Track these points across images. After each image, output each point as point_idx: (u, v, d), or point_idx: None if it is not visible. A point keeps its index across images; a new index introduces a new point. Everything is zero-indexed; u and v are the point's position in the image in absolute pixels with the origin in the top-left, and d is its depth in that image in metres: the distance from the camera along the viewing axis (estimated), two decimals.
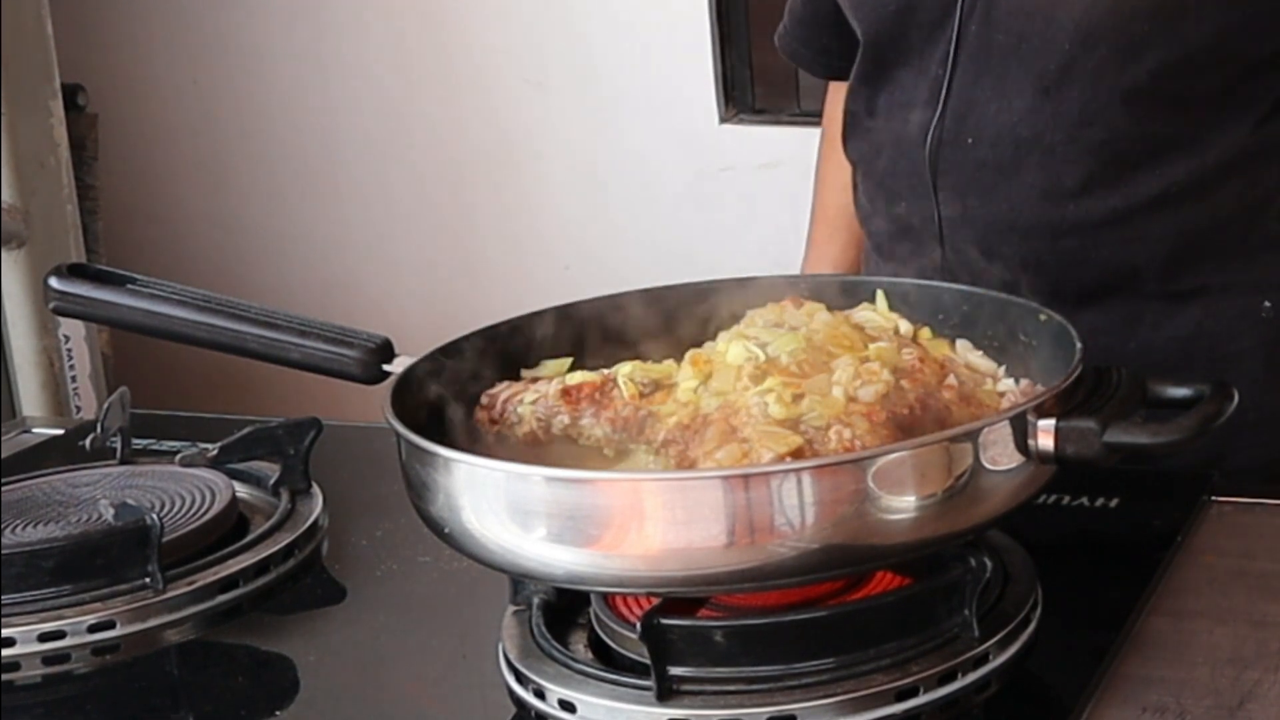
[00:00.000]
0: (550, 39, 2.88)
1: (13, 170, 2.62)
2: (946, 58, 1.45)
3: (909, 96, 1.50)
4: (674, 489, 0.98)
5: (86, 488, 1.39)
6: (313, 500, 1.36)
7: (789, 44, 1.75)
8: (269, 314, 1.25)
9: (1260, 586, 1.16)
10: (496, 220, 2.99)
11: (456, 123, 2.96)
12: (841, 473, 0.98)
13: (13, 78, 2.60)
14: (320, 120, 3.03)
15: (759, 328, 1.14)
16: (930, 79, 1.47)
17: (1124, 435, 1.03)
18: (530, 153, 2.93)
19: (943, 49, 1.46)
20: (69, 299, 1.28)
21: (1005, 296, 1.21)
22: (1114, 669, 1.07)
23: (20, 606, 1.22)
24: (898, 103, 1.51)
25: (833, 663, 1.02)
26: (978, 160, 1.45)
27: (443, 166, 2.99)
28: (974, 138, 1.45)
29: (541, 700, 1.05)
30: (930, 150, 1.46)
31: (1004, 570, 1.11)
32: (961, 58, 1.44)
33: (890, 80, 1.52)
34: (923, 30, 1.47)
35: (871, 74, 1.54)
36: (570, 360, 1.21)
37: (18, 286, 2.66)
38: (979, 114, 1.44)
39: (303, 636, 1.24)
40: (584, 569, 1.01)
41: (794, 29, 1.73)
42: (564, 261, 2.94)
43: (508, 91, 2.91)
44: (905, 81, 1.50)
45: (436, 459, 1.04)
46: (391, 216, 3.05)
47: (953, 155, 1.46)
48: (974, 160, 1.45)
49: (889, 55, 1.51)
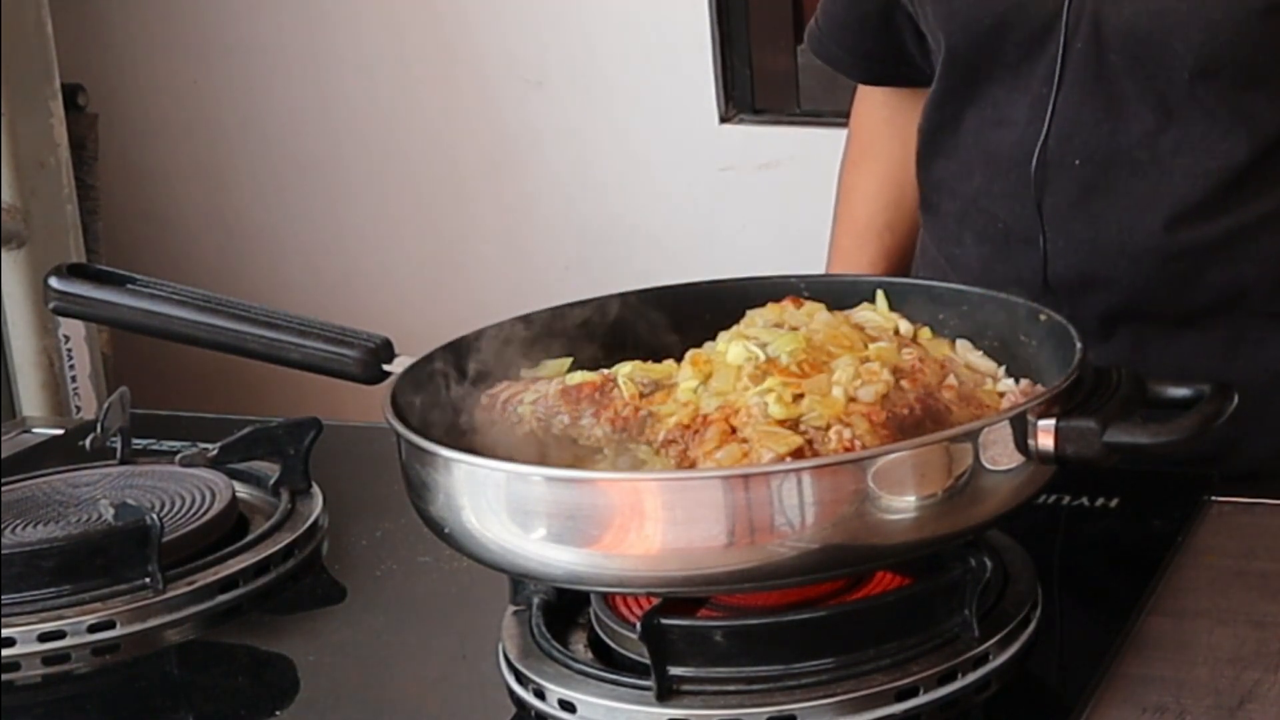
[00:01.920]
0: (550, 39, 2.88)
1: (13, 170, 2.61)
2: (1051, 76, 1.40)
3: (1003, 114, 1.45)
4: (674, 489, 0.98)
5: (86, 488, 1.39)
6: (313, 500, 1.36)
7: (825, 46, 1.67)
8: (269, 314, 1.25)
9: (1260, 586, 1.16)
10: (496, 220, 2.99)
11: (456, 123, 2.96)
12: (841, 473, 0.98)
13: (13, 78, 2.60)
14: (320, 120, 3.03)
15: (759, 328, 1.14)
16: (1032, 97, 1.42)
17: (1124, 435, 1.03)
18: (530, 153, 2.93)
19: (1045, 67, 1.41)
20: (69, 299, 1.28)
21: (1005, 296, 1.21)
22: (1114, 669, 1.07)
23: (20, 606, 1.22)
24: (990, 120, 1.47)
25: (833, 663, 1.02)
26: (1085, 182, 1.41)
27: (442, 166, 2.99)
28: (1081, 158, 1.41)
29: (541, 700, 1.05)
30: (1036, 172, 1.42)
31: (1004, 570, 1.11)
32: (1067, 77, 1.40)
33: (981, 96, 1.47)
34: (1021, 48, 1.42)
35: (958, 89, 1.48)
36: (570, 360, 1.21)
37: (18, 286, 2.66)
38: (1087, 134, 1.40)
39: (303, 636, 1.24)
40: (584, 569, 1.01)
41: (832, 31, 1.66)
42: (564, 261, 2.94)
43: (508, 91, 2.91)
44: (999, 98, 1.45)
45: (436, 459, 1.04)
46: (391, 216, 3.05)
47: (1058, 176, 1.42)
48: (1081, 181, 1.41)
49: (980, 71, 1.46)
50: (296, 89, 3.03)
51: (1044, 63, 1.41)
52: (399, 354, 1.22)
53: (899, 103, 1.67)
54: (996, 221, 1.47)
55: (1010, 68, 1.44)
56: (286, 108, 3.05)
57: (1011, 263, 1.46)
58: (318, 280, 3.10)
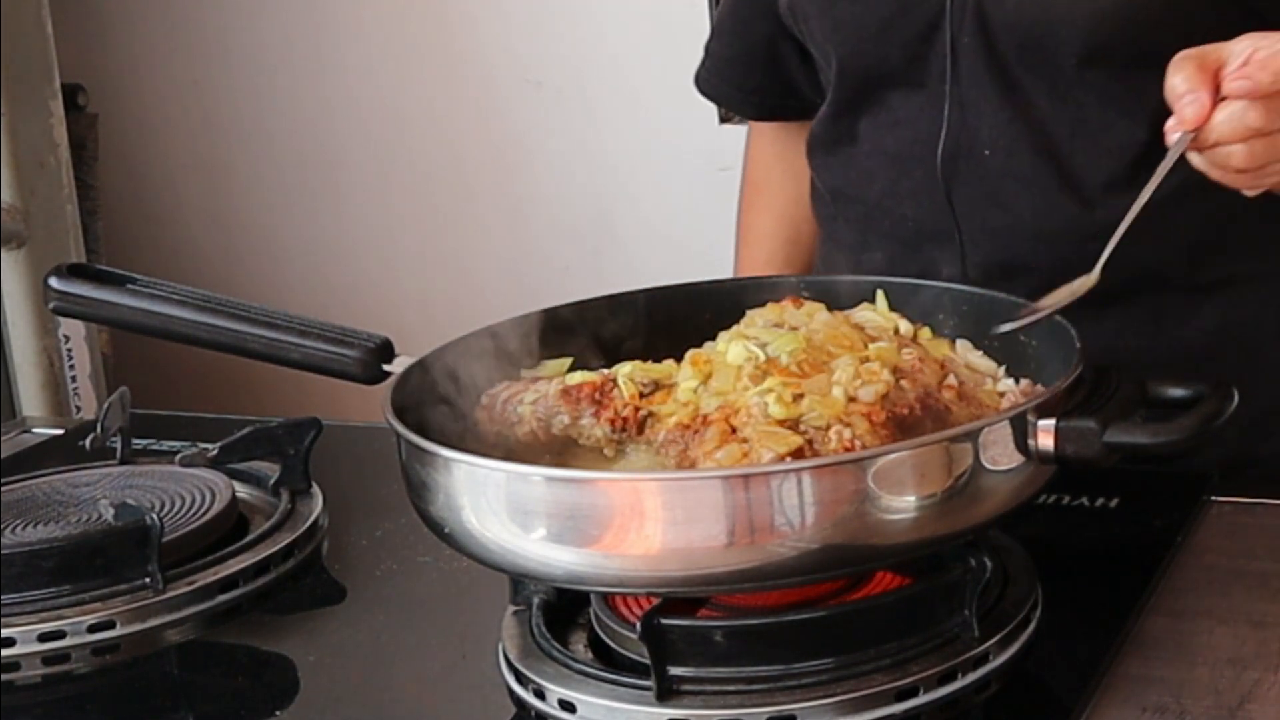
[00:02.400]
0: (550, 39, 2.88)
1: (13, 170, 2.61)
2: (944, 72, 1.41)
3: (899, 115, 1.46)
4: (674, 489, 0.98)
5: (86, 488, 1.39)
6: (313, 500, 1.37)
7: (713, 84, 1.69)
8: (269, 314, 1.25)
9: (1260, 586, 1.16)
10: (496, 220, 2.99)
11: (456, 123, 2.96)
12: (841, 473, 0.98)
13: (13, 78, 2.60)
14: (320, 120, 3.03)
15: (759, 328, 1.14)
16: (927, 95, 1.43)
17: (1124, 435, 1.03)
18: (530, 153, 2.93)
19: (936, 64, 1.42)
20: (69, 299, 1.28)
21: (1005, 296, 1.21)
22: (1114, 669, 1.07)
23: (20, 606, 1.22)
24: (885, 124, 1.48)
25: (833, 663, 1.02)
26: (997, 170, 1.42)
27: (443, 166, 2.99)
28: (988, 148, 1.42)
29: (541, 700, 1.05)
30: (943, 166, 1.43)
31: (1004, 570, 1.11)
32: (961, 71, 1.41)
33: (874, 103, 1.48)
34: (908, 47, 1.43)
35: (852, 99, 1.49)
36: (570, 360, 1.21)
37: (18, 286, 2.66)
38: (989, 123, 1.41)
39: (303, 636, 1.24)
40: (584, 569, 1.01)
41: (719, 68, 1.68)
42: (564, 261, 2.94)
43: (508, 92, 2.91)
44: (893, 101, 1.46)
45: (436, 459, 1.04)
46: (391, 216, 3.05)
47: (967, 169, 1.43)
48: (993, 171, 1.42)
49: (872, 77, 1.47)
50: (297, 89, 3.03)
51: (934, 60, 1.42)
52: (399, 354, 1.22)
53: (788, 138, 1.69)
54: (906, 221, 1.48)
55: (901, 70, 1.44)
56: (287, 108, 3.05)
57: (926, 260, 1.47)
58: (318, 280, 3.10)
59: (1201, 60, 1.13)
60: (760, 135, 1.73)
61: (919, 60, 1.43)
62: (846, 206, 1.54)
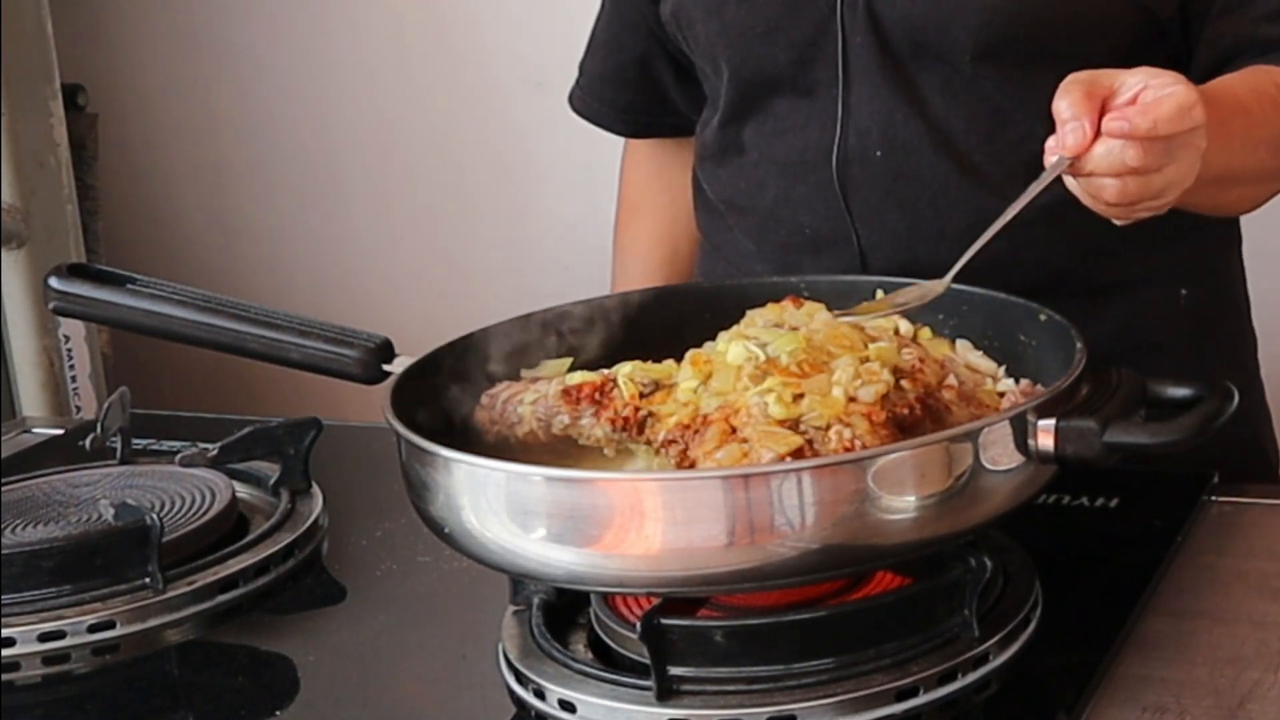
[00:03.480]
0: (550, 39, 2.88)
1: (13, 170, 2.61)
2: (835, 76, 1.40)
3: (789, 122, 1.44)
4: (674, 489, 0.98)
5: (86, 488, 1.39)
6: (313, 500, 1.37)
7: (587, 103, 1.67)
8: (269, 314, 1.25)
9: (1260, 586, 1.17)
10: (496, 220, 2.99)
11: (456, 123, 2.96)
12: (841, 473, 0.98)
13: (13, 78, 2.60)
14: (320, 120, 3.03)
15: (759, 328, 1.14)
16: (818, 99, 1.42)
17: (1124, 435, 1.03)
18: (530, 153, 2.93)
19: (826, 68, 1.40)
20: (69, 299, 1.28)
21: (1005, 296, 1.21)
22: (1114, 669, 1.07)
23: (20, 606, 1.22)
24: (774, 131, 1.45)
25: (833, 663, 1.02)
26: (891, 171, 1.40)
27: (442, 167, 2.99)
28: (883, 150, 1.40)
29: (541, 700, 1.05)
30: (838, 169, 1.41)
31: (1004, 570, 1.11)
32: (853, 73, 1.39)
33: (762, 110, 1.46)
34: (796, 49, 1.41)
35: (739, 106, 1.47)
36: (570, 360, 1.21)
37: (18, 286, 2.66)
38: (883, 125, 1.39)
39: (303, 636, 1.24)
40: (584, 569, 1.01)
41: (592, 86, 1.66)
42: (564, 262, 2.94)
43: (509, 92, 2.91)
44: (780, 108, 1.45)
45: (436, 459, 1.04)
46: (391, 216, 3.05)
47: (862, 171, 1.41)
48: (890, 172, 1.40)
49: (759, 82, 1.45)
50: (297, 89, 3.03)
51: (824, 64, 1.40)
52: (399, 354, 1.22)
53: (664, 156, 1.68)
54: (802, 228, 1.46)
55: (789, 74, 1.43)
56: (287, 108, 3.05)
57: (824, 267, 1.45)
58: (318, 280, 3.10)
59: (1090, 87, 1.12)
60: (635, 153, 1.71)
61: (807, 64, 1.41)
62: (740, 217, 1.52)
